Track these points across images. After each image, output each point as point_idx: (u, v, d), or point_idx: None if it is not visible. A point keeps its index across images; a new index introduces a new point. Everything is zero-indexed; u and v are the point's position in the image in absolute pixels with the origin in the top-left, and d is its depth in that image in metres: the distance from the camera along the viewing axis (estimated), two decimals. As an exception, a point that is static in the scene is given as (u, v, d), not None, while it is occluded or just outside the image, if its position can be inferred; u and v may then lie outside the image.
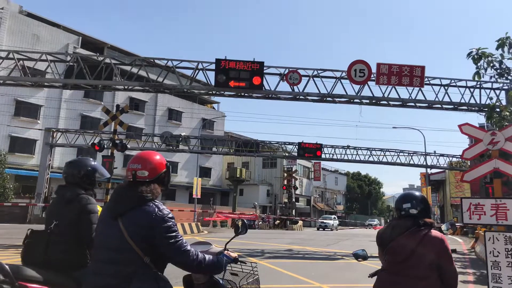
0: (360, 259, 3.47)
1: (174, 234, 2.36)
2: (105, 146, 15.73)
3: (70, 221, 3.10)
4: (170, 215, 2.39)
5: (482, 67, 7.15)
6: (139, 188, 2.42)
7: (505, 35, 6.86)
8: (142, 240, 2.32)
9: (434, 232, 2.98)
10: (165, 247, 2.35)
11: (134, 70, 17.97)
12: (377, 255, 3.25)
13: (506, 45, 6.86)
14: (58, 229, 3.10)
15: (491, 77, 7.94)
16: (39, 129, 32.19)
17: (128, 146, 15.54)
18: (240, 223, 2.88)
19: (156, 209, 2.37)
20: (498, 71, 7.34)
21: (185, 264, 2.40)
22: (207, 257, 2.46)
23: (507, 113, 7.59)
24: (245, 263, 2.88)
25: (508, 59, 7.05)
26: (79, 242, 3.09)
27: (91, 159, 3.57)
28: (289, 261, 11.58)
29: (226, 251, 2.66)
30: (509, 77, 7.64)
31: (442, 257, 2.91)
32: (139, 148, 29.55)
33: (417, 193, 3.20)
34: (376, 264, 3.22)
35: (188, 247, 2.40)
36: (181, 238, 2.39)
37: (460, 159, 32.61)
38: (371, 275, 3.25)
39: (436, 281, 2.90)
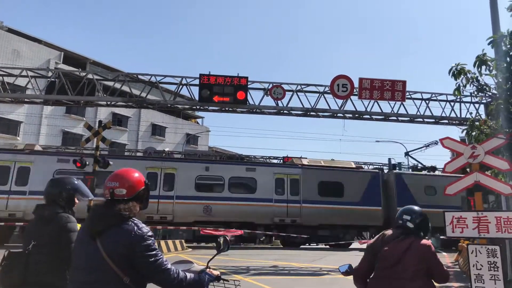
0: (346, 274, 3.47)
1: (154, 252, 2.31)
2: (87, 162, 15.46)
3: (49, 241, 3.01)
4: (149, 233, 2.35)
5: (461, 83, 7.29)
6: (117, 207, 2.37)
7: (482, 51, 7.02)
8: (121, 259, 2.26)
9: (422, 240, 3.12)
10: (145, 266, 2.30)
11: (117, 85, 17.86)
12: None
13: (487, 64, 7.01)
14: (36, 249, 3.00)
15: (471, 93, 8.10)
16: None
17: (111, 162, 15.30)
18: (221, 240, 2.83)
19: (135, 227, 2.32)
20: (477, 86, 7.48)
21: (166, 283, 2.35)
22: (188, 275, 2.42)
23: (486, 128, 7.73)
24: (228, 281, 2.82)
25: (486, 75, 7.20)
26: (59, 263, 2.99)
27: (74, 178, 3.49)
28: (275, 278, 11.46)
29: (208, 269, 2.61)
30: (488, 93, 7.79)
31: (430, 263, 3.04)
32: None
33: (416, 208, 3.33)
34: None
35: (168, 266, 2.36)
36: (161, 256, 2.34)
37: (442, 173, 33.06)
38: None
39: (424, 286, 3.01)
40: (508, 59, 6.95)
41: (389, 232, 3.24)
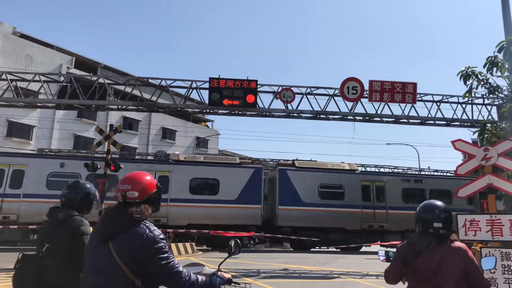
0: (385, 261, 3.32)
1: (165, 255, 2.32)
2: (98, 166, 15.59)
3: (63, 243, 3.04)
4: (161, 236, 2.36)
5: (472, 85, 7.23)
6: (129, 209, 2.39)
7: (493, 53, 6.95)
8: (133, 262, 2.27)
9: (456, 244, 2.85)
10: (157, 269, 2.31)
11: (128, 89, 17.99)
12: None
13: (498, 66, 6.94)
14: (50, 252, 3.03)
15: (482, 95, 8.02)
16: (32, 150, 31.95)
17: (122, 166, 15.42)
18: (233, 243, 2.83)
19: (147, 230, 2.33)
20: (489, 88, 7.41)
21: (177, 286, 2.35)
22: (200, 278, 2.42)
23: (495, 130, 7.64)
24: (239, 284, 2.82)
25: (498, 76, 7.13)
26: (72, 266, 3.02)
27: (90, 183, 3.53)
28: (285, 281, 11.43)
29: (219, 272, 2.62)
30: (500, 95, 7.71)
31: (469, 268, 2.78)
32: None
33: (439, 204, 2.99)
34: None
35: (180, 268, 2.36)
36: (172, 259, 2.35)
37: (454, 175, 32.74)
38: None
39: None
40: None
41: (417, 238, 2.94)
